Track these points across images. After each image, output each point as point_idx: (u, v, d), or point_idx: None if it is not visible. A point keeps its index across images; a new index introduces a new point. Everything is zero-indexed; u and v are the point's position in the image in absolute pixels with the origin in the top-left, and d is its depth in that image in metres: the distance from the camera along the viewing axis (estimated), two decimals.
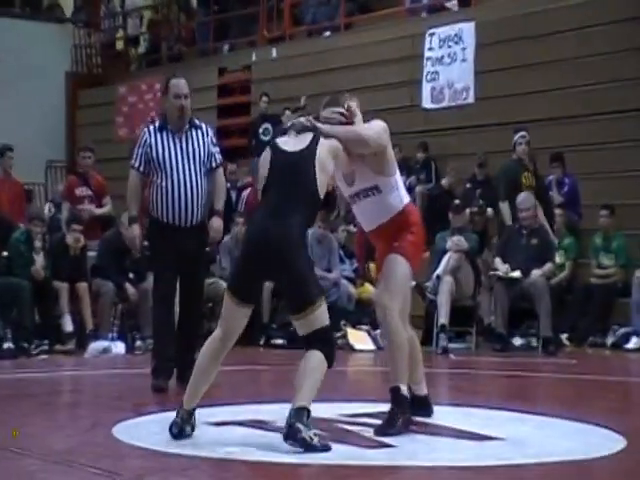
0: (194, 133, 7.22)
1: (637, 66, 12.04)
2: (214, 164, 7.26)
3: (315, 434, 4.72)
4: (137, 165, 7.22)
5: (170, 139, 7.15)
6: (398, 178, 5.44)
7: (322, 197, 5.08)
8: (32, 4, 20.64)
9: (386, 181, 5.30)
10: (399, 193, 5.39)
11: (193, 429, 5.10)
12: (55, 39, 20.05)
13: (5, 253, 10.53)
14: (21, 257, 10.44)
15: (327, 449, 4.71)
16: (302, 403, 4.76)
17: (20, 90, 18.37)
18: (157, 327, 7.39)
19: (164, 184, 7.06)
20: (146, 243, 8.08)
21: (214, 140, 7.37)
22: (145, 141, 7.18)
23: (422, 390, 5.71)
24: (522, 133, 11.16)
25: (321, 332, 4.93)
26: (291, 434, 4.67)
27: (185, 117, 7.19)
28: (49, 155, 18.66)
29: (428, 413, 5.70)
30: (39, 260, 10.44)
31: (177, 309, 7.38)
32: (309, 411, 4.77)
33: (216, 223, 7.24)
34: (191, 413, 5.08)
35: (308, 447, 4.65)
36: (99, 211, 11.44)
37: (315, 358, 4.91)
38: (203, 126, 7.32)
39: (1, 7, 19.85)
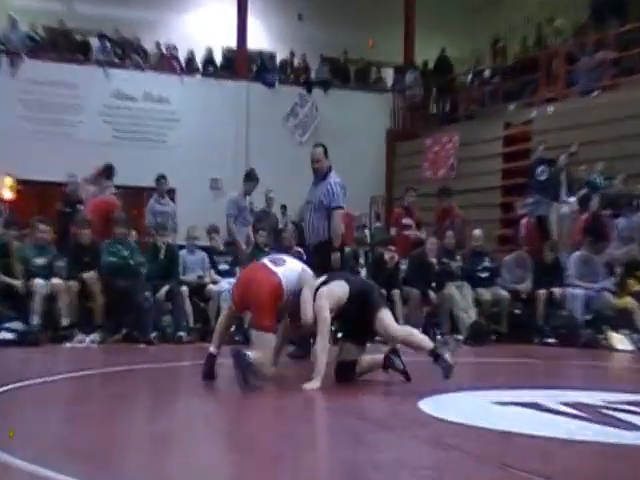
0: (321, 184, 7.71)
1: None
2: (330, 206, 7.63)
3: None
4: None
5: (312, 187, 7.85)
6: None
7: None
8: (363, 79, 21.14)
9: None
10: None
11: None
12: (379, 104, 20.39)
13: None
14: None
15: None
16: None
17: (353, 143, 18.73)
18: None
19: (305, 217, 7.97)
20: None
21: (334, 189, 7.63)
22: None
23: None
24: None
25: None
26: None
27: (317, 173, 7.74)
28: (372, 192, 18.93)
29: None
30: (362, 272, 10.68)
31: None
32: None
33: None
34: None
35: None
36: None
37: None
38: (328, 179, 7.70)
39: (341, 82, 20.51)
